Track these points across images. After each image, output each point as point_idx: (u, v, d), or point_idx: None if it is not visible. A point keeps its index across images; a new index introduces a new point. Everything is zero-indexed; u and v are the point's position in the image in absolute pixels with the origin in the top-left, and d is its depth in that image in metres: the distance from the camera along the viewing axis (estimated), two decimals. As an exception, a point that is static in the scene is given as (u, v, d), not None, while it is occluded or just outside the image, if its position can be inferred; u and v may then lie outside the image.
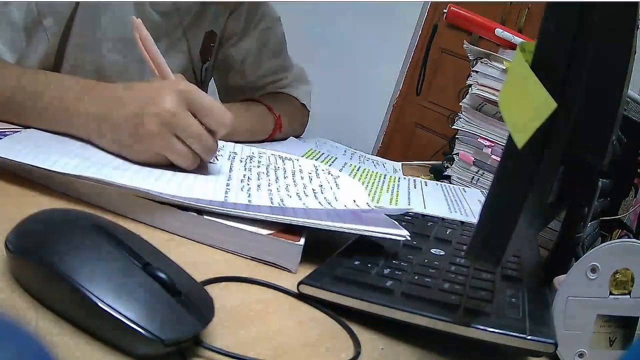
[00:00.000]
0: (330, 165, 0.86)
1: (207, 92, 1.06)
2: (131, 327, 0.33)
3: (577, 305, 0.48)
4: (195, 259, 0.50)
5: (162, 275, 0.37)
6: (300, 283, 0.48)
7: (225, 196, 0.58)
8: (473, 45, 1.11)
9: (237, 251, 0.53)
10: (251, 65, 1.11)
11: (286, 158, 0.79)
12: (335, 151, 1.10)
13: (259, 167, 0.72)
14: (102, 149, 0.65)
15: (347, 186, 0.72)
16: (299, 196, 0.64)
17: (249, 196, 0.60)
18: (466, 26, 1.19)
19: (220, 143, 0.74)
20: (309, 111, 1.18)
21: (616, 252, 0.47)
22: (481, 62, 1.05)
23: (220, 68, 1.13)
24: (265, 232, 0.52)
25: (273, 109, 1.03)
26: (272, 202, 0.59)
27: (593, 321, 0.47)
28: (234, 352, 0.37)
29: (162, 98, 0.62)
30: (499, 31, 1.09)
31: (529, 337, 0.43)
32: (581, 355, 0.47)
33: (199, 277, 0.43)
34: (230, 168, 0.69)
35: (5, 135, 0.62)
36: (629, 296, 0.46)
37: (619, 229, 0.78)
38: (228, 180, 0.64)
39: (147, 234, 0.45)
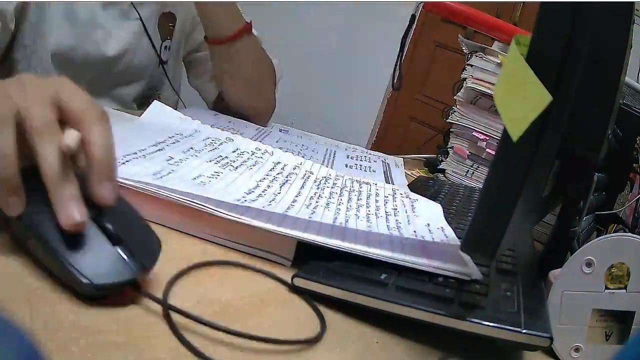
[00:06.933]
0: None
1: (175, 76, 1.18)
2: (70, 270, 0.38)
3: (573, 300, 0.48)
4: (189, 249, 0.50)
5: (108, 225, 0.41)
6: (294, 276, 0.48)
7: (287, 210, 0.57)
8: (467, 38, 1.10)
9: (233, 241, 0.53)
10: None
11: (364, 182, 0.77)
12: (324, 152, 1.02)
13: (332, 187, 0.71)
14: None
15: (423, 210, 0.69)
16: (368, 218, 0.62)
17: (312, 213, 0.58)
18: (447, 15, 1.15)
19: (299, 159, 0.76)
20: None
21: (611, 246, 0.47)
22: (476, 56, 1.05)
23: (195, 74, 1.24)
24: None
25: None
26: (334, 221, 0.57)
27: (589, 315, 0.47)
28: (172, 303, 0.39)
29: None
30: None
31: (524, 331, 0.43)
32: (577, 349, 0.47)
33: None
34: (302, 185, 0.68)
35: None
36: (624, 290, 0.46)
37: (615, 223, 0.78)
38: (296, 196, 0.63)
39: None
